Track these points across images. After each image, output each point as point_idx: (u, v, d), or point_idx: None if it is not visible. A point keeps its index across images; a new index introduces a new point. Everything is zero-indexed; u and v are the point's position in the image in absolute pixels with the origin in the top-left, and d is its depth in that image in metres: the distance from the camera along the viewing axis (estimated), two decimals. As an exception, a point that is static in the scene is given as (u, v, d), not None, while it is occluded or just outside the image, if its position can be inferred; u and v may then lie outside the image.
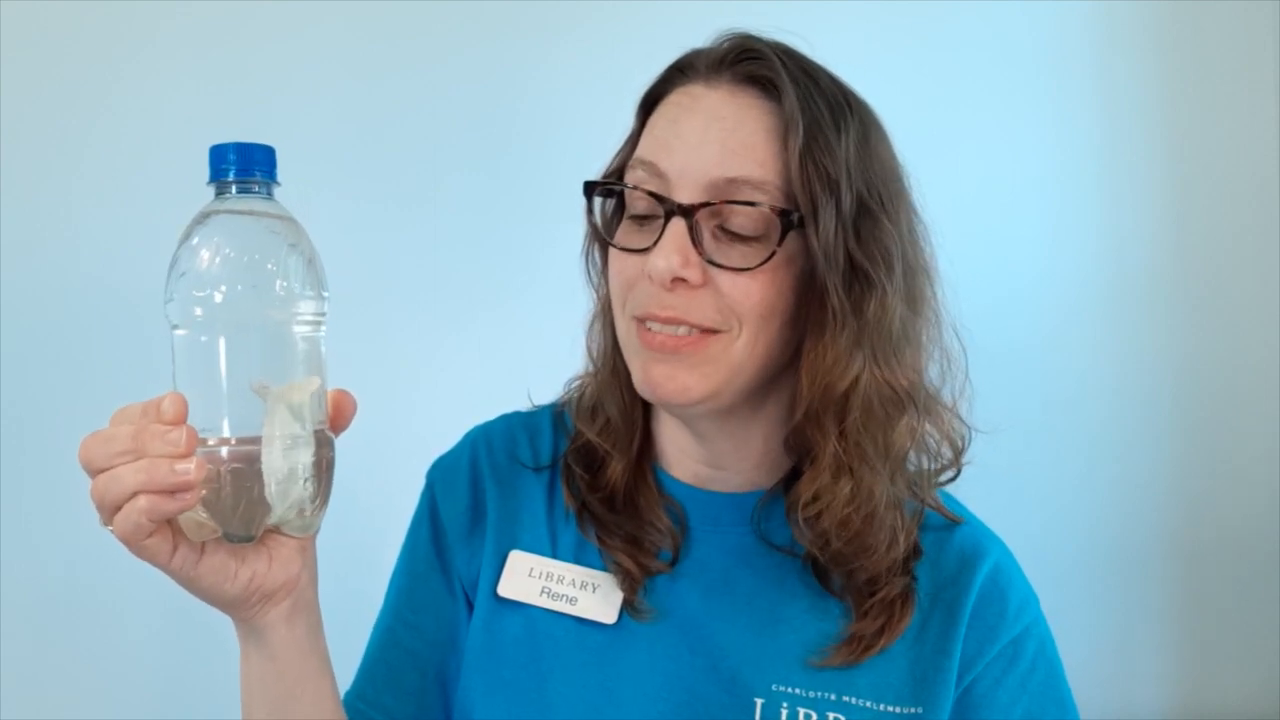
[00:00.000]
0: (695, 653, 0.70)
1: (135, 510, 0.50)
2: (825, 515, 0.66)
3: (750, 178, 0.64)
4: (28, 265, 1.26)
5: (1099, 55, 1.47)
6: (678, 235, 0.64)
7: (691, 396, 0.66)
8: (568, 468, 0.77)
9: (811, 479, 0.67)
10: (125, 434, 0.51)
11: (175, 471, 0.49)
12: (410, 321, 1.35)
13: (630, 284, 0.68)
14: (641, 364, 0.67)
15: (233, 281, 0.53)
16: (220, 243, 0.53)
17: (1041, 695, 0.70)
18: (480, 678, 0.72)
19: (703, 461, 0.74)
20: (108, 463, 0.51)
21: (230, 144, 0.54)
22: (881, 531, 0.67)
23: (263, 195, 0.55)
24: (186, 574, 0.55)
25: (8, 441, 1.25)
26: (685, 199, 0.64)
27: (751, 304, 0.65)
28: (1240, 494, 1.49)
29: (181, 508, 0.51)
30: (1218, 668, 1.50)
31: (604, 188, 0.71)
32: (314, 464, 0.55)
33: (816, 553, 0.69)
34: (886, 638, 0.68)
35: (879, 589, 0.68)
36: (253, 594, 0.58)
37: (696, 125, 0.66)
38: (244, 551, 0.57)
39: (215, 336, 0.53)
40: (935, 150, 1.39)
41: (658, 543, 0.72)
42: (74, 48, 1.27)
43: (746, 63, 0.67)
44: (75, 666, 1.28)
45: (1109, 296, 1.47)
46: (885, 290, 0.65)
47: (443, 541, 0.77)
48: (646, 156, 0.67)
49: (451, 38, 1.36)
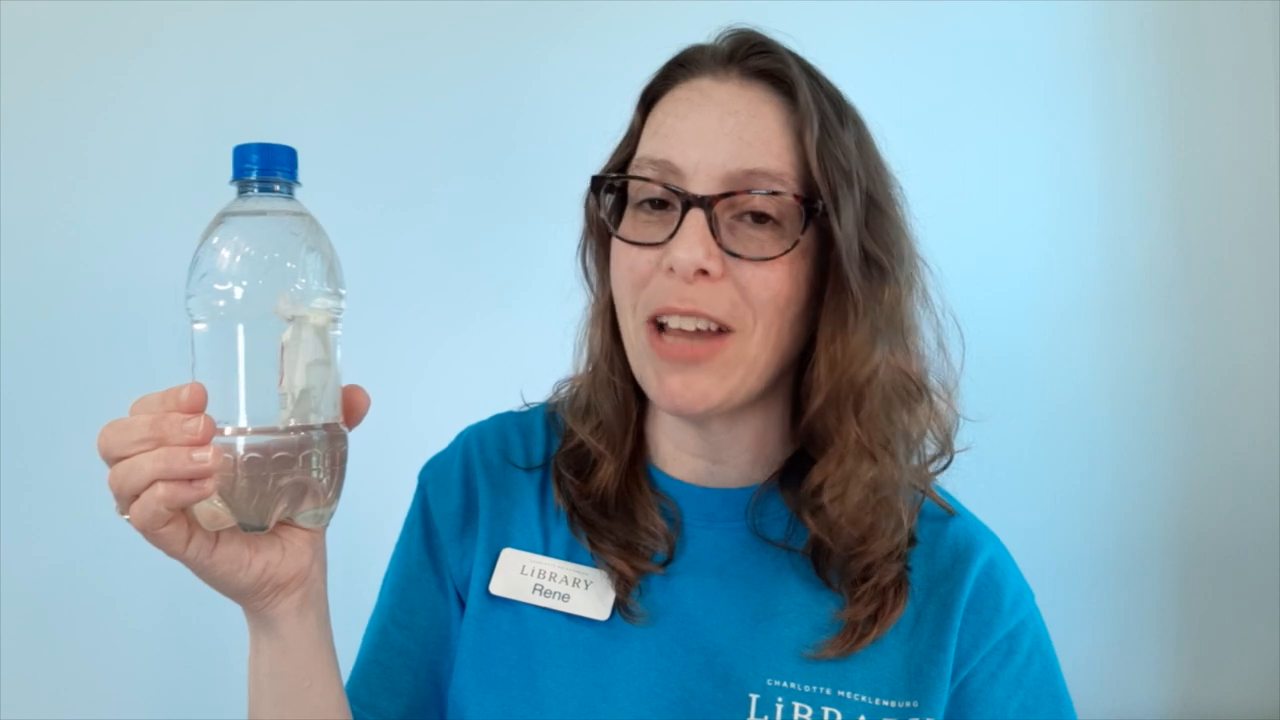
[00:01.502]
0: (689, 649, 0.70)
1: (153, 499, 0.51)
2: (840, 502, 0.67)
3: (768, 169, 0.64)
4: (28, 265, 1.26)
5: (1099, 55, 1.47)
6: (699, 226, 0.64)
7: (710, 403, 0.66)
8: (558, 471, 0.76)
9: (825, 467, 0.68)
10: (144, 422, 0.51)
11: (193, 459, 0.50)
12: (410, 322, 1.35)
13: (643, 280, 0.67)
14: (656, 374, 0.67)
15: (253, 278, 0.54)
16: (241, 240, 0.55)
17: (1037, 689, 0.70)
18: (473, 675, 0.72)
19: (702, 457, 0.74)
20: (126, 451, 0.52)
21: (253, 144, 0.56)
22: (891, 518, 0.68)
23: (284, 195, 0.57)
24: (201, 562, 0.56)
25: (8, 440, 1.26)
26: (702, 190, 0.65)
27: (770, 295, 0.65)
28: (1240, 494, 1.49)
29: (198, 496, 0.51)
30: (1218, 668, 1.50)
31: (610, 183, 0.71)
32: (328, 456, 0.57)
33: (827, 539, 0.69)
34: (879, 627, 0.68)
35: (872, 575, 0.69)
36: (265, 584, 0.59)
37: (710, 119, 0.66)
38: (257, 541, 0.58)
39: (234, 331, 0.54)
40: (935, 150, 1.40)
41: (651, 546, 0.72)
42: (75, 48, 1.27)
43: (756, 57, 0.68)
44: (75, 665, 1.28)
45: (1109, 297, 1.47)
46: (896, 279, 0.67)
47: (435, 541, 0.77)
48: (658, 154, 0.67)
49: (451, 39, 1.36)
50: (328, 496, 0.58)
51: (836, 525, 0.68)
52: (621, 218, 0.70)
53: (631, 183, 0.69)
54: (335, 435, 0.58)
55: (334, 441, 0.58)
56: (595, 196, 0.72)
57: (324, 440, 0.57)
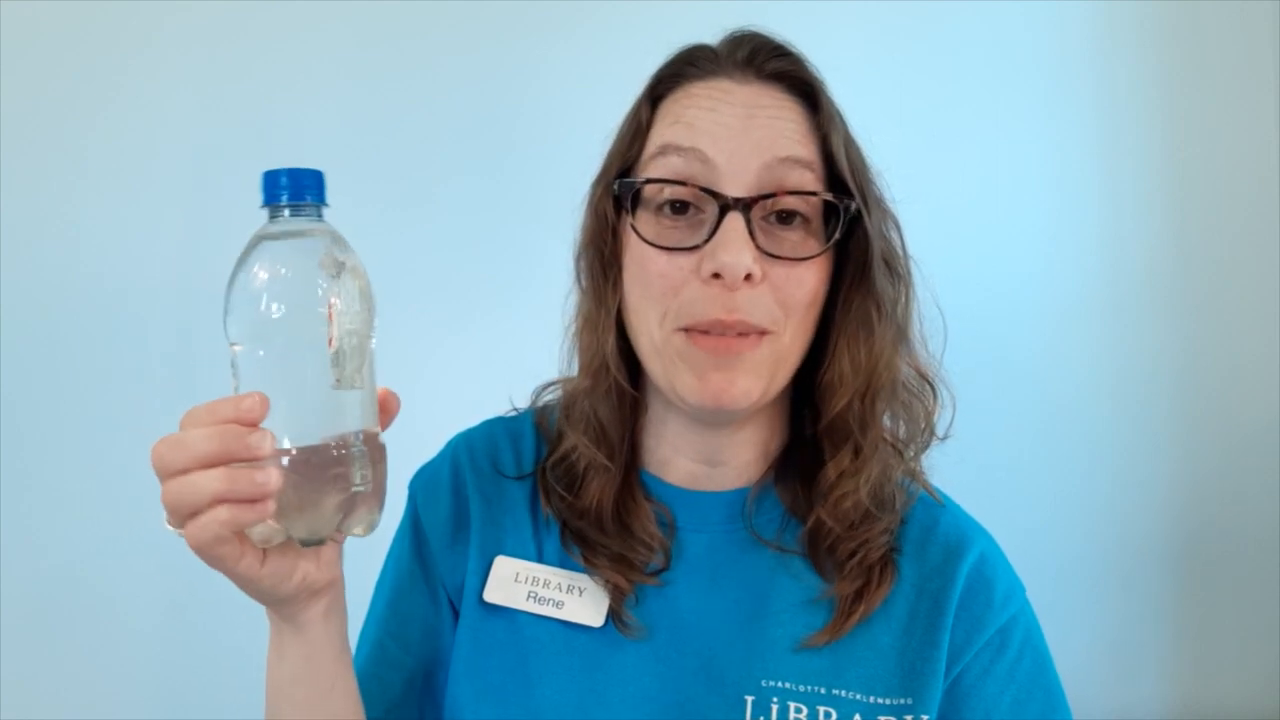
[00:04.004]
0: (684, 653, 0.69)
1: (215, 521, 0.51)
2: (855, 494, 0.68)
3: (799, 157, 0.65)
4: (28, 265, 1.26)
5: (1099, 55, 1.47)
6: (740, 230, 0.63)
7: (753, 399, 0.66)
8: (547, 483, 0.75)
9: (840, 462, 0.69)
10: (201, 437, 0.51)
11: (255, 482, 0.50)
12: (410, 322, 1.35)
13: (674, 288, 0.65)
14: (697, 372, 0.65)
15: (290, 299, 0.55)
16: (276, 263, 0.56)
17: (1029, 683, 0.70)
18: (468, 684, 0.72)
19: (701, 460, 0.74)
20: (185, 465, 0.51)
21: (283, 170, 0.57)
22: (888, 500, 0.70)
23: (313, 217, 0.58)
24: (249, 576, 0.56)
25: (8, 440, 1.26)
26: (737, 189, 0.64)
27: (804, 294, 0.65)
28: (1240, 494, 1.49)
29: (259, 518, 0.52)
30: (1218, 668, 1.50)
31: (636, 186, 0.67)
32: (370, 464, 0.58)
33: (835, 525, 0.69)
34: (866, 604, 0.68)
35: (859, 551, 0.69)
36: (303, 591, 0.59)
37: (738, 114, 0.65)
38: (300, 553, 0.58)
39: (275, 352, 0.56)
40: (935, 150, 1.40)
41: (646, 558, 0.72)
42: (75, 48, 1.27)
43: (775, 60, 0.68)
44: (75, 665, 1.28)
45: (1109, 297, 1.47)
46: (907, 278, 0.70)
47: (425, 551, 0.77)
48: (686, 141, 0.65)
49: (451, 39, 1.36)
50: (374, 503, 0.59)
51: (844, 514, 0.69)
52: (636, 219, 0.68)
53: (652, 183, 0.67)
54: (374, 444, 0.59)
55: (374, 449, 0.59)
56: (611, 199, 0.69)
57: (364, 451, 0.58)
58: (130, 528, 1.25)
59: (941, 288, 0.73)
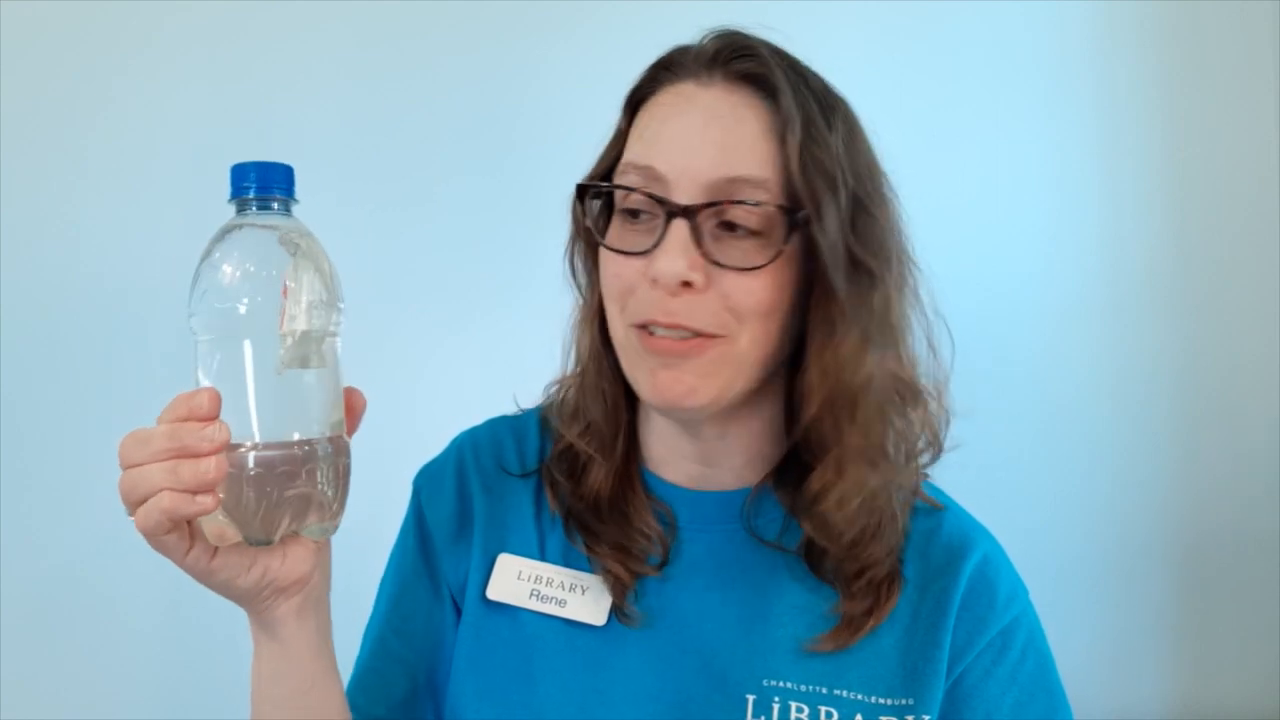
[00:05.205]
0: (686, 652, 0.70)
1: (157, 508, 0.52)
2: (839, 508, 0.67)
3: (751, 176, 0.64)
4: (28, 265, 1.26)
5: (1099, 55, 1.47)
6: (682, 237, 0.63)
7: (699, 400, 0.66)
8: (551, 476, 0.76)
9: (824, 474, 0.67)
10: (160, 433, 0.52)
11: (196, 472, 0.51)
12: (410, 322, 1.35)
13: (629, 289, 0.66)
14: (648, 370, 0.66)
15: (253, 294, 0.55)
16: (241, 257, 0.56)
17: (1031, 685, 0.70)
18: (470, 681, 0.72)
19: (695, 460, 0.74)
20: (139, 460, 0.53)
21: (251, 164, 0.57)
22: (886, 520, 0.69)
23: (281, 212, 0.58)
24: (198, 569, 0.57)
25: (8, 440, 1.26)
26: (685, 199, 0.64)
27: (754, 303, 0.64)
28: (1240, 494, 1.49)
29: (199, 511, 0.52)
30: (1218, 668, 1.50)
31: (595, 189, 0.70)
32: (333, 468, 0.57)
33: (823, 542, 0.69)
34: (874, 619, 0.68)
35: (866, 571, 0.69)
36: (264, 587, 0.59)
37: (693, 124, 0.65)
38: (257, 550, 0.58)
39: (235, 347, 0.55)
40: (935, 150, 1.40)
41: (646, 549, 0.72)
42: (75, 48, 1.27)
43: (739, 60, 0.67)
44: (75, 665, 1.28)
45: (1109, 297, 1.47)
46: (885, 282, 0.66)
47: (429, 547, 0.77)
48: (640, 160, 0.66)
49: (451, 39, 1.36)
50: (332, 509, 0.58)
51: (834, 530, 0.68)
52: (609, 222, 0.70)
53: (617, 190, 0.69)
54: (339, 448, 0.58)
55: (338, 454, 0.58)
56: (581, 203, 0.71)
57: (328, 453, 0.57)
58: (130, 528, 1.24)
59: (941, 288, 0.73)
